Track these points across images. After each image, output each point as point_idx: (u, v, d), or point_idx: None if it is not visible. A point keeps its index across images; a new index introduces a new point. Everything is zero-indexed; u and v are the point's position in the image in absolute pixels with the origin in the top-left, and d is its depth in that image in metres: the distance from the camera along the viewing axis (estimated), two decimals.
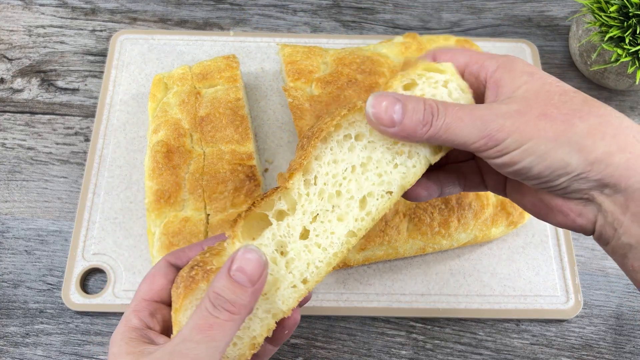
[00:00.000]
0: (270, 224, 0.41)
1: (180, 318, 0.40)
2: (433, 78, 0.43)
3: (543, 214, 0.44)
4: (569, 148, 0.37)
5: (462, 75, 0.44)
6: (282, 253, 0.41)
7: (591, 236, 0.43)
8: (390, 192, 0.40)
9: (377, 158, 0.41)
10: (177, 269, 0.45)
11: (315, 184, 0.41)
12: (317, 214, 0.40)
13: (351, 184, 0.41)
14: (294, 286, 0.40)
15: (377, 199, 0.40)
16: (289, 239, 0.40)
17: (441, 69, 0.43)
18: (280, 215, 0.41)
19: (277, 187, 0.41)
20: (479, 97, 0.44)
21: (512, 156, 0.38)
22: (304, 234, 0.41)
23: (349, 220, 0.40)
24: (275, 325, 0.41)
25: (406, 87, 0.43)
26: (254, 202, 0.41)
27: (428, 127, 0.39)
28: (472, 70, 0.43)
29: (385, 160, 0.41)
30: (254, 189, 0.63)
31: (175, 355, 0.37)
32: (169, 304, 0.44)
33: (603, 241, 0.41)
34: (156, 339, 0.42)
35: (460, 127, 0.39)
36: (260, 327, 0.40)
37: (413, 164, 0.41)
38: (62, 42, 0.81)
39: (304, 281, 0.40)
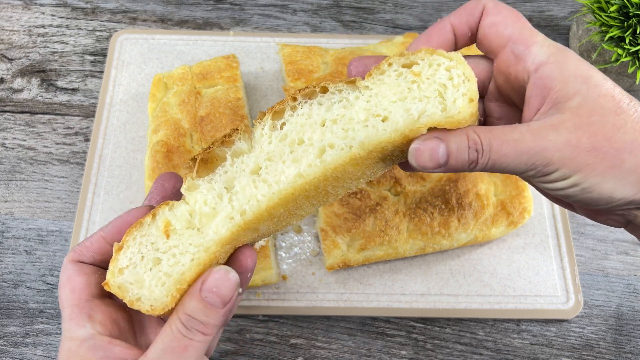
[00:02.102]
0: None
1: (121, 256, 0.39)
2: (437, 61, 0.41)
3: (569, 207, 0.46)
4: (615, 183, 0.38)
5: (504, 50, 0.41)
6: (227, 188, 0.40)
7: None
8: (351, 147, 0.40)
9: (351, 116, 0.40)
10: (84, 264, 0.42)
11: (281, 129, 0.41)
12: (273, 155, 0.40)
13: (315, 134, 0.40)
14: (231, 218, 0.39)
15: (335, 151, 0.40)
16: (239, 174, 0.40)
17: (447, 56, 0.41)
18: (237, 153, 0.41)
19: (236, 128, 0.41)
20: (514, 78, 0.41)
21: (557, 185, 0.39)
22: (255, 170, 0.40)
23: (302, 163, 0.40)
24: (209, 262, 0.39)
25: (405, 67, 0.41)
26: (213, 142, 0.41)
27: (474, 165, 0.38)
28: (517, 50, 0.40)
29: (357, 119, 0.40)
30: None
31: None
32: (98, 297, 0.41)
33: (634, 233, 0.44)
34: (108, 345, 0.39)
35: (506, 162, 0.38)
36: (190, 261, 0.39)
37: (384, 128, 0.40)
38: (62, 42, 0.81)
39: (242, 213, 0.39)
